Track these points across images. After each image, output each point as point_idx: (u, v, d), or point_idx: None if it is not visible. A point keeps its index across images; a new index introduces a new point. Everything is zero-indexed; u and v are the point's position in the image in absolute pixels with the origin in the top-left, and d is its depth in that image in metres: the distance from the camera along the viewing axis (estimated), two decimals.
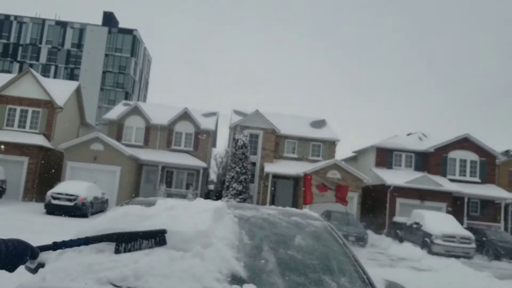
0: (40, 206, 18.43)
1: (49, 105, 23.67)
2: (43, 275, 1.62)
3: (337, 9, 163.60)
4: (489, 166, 26.40)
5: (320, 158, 27.66)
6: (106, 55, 61.72)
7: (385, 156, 26.90)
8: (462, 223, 21.77)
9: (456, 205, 23.92)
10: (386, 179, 23.78)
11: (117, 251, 1.35)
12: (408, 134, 30.89)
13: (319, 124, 30.62)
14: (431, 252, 16.85)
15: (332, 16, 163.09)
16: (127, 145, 25.54)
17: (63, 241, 1.36)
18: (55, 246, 1.36)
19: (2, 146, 21.80)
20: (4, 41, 60.93)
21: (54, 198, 17.22)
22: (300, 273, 1.80)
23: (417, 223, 18.88)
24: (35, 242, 1.43)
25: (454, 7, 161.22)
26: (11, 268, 1.24)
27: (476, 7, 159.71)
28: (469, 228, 19.85)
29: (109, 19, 64.15)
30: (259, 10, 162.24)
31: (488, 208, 26.11)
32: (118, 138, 26.64)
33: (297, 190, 25.35)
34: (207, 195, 31.50)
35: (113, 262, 1.63)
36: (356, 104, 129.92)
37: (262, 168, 26.49)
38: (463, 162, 26.38)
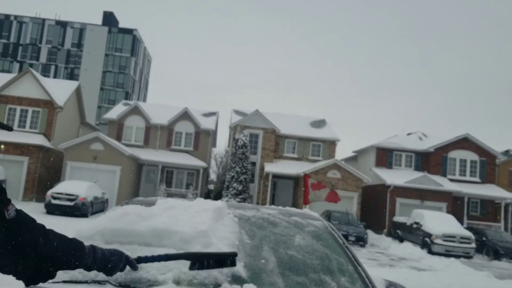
0: (40, 206, 18.43)
1: (49, 105, 23.66)
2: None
3: (337, 9, 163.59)
4: (489, 166, 26.41)
5: (320, 158, 27.65)
6: (106, 55, 61.72)
7: (385, 156, 26.90)
8: (462, 223, 21.77)
9: (456, 205, 23.91)
10: (386, 179, 23.78)
11: (191, 268, 1.50)
12: (408, 134, 30.90)
13: (319, 124, 30.62)
14: (431, 252, 16.87)
15: (332, 16, 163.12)
16: (127, 145, 25.53)
17: (146, 257, 1.47)
18: (139, 260, 1.46)
19: (2, 146, 21.79)
20: (4, 41, 60.92)
21: (54, 198, 17.23)
22: (300, 273, 1.80)
23: (417, 223, 18.89)
24: None
25: (455, 6, 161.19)
26: (108, 273, 1.37)
27: (477, 6, 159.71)
28: (469, 228, 19.87)
29: (109, 19, 64.13)
30: (259, 10, 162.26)
31: (488, 208, 26.11)
32: (118, 138, 26.63)
33: (297, 190, 25.34)
34: (207, 195, 31.49)
35: None
36: (356, 104, 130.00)
37: (262, 168, 26.48)
38: (463, 162, 26.38)
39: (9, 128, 1.35)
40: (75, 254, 1.28)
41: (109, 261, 1.35)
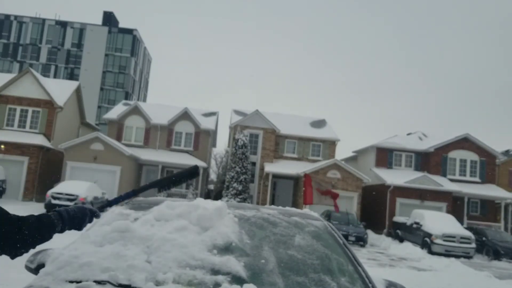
0: (40, 206, 18.42)
1: (49, 105, 23.66)
2: (45, 274, 1.62)
3: (337, 8, 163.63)
4: (489, 166, 26.39)
5: (320, 158, 27.64)
6: (106, 55, 61.70)
7: (385, 156, 26.89)
8: (462, 223, 21.76)
9: (456, 205, 23.90)
10: (386, 179, 23.77)
11: (159, 191, 1.71)
12: (408, 134, 30.89)
13: (319, 124, 30.61)
14: (431, 252, 16.86)
15: (332, 15, 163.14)
16: (127, 145, 25.52)
17: (115, 198, 1.70)
18: (110, 203, 1.69)
19: (2, 146, 21.78)
20: (4, 41, 60.91)
21: (54, 198, 17.24)
22: (300, 273, 1.80)
23: (417, 223, 18.88)
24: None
25: (454, 7, 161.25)
26: (78, 228, 1.60)
27: (477, 6, 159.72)
28: (469, 228, 19.85)
29: (109, 19, 64.11)
30: (259, 10, 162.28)
31: (488, 208, 26.10)
32: (118, 138, 26.63)
33: (297, 190, 25.34)
34: (207, 195, 31.48)
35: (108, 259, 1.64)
36: (356, 104, 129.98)
37: (262, 168, 26.48)
38: (463, 162, 26.37)
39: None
40: (48, 230, 1.48)
41: (76, 218, 1.57)
